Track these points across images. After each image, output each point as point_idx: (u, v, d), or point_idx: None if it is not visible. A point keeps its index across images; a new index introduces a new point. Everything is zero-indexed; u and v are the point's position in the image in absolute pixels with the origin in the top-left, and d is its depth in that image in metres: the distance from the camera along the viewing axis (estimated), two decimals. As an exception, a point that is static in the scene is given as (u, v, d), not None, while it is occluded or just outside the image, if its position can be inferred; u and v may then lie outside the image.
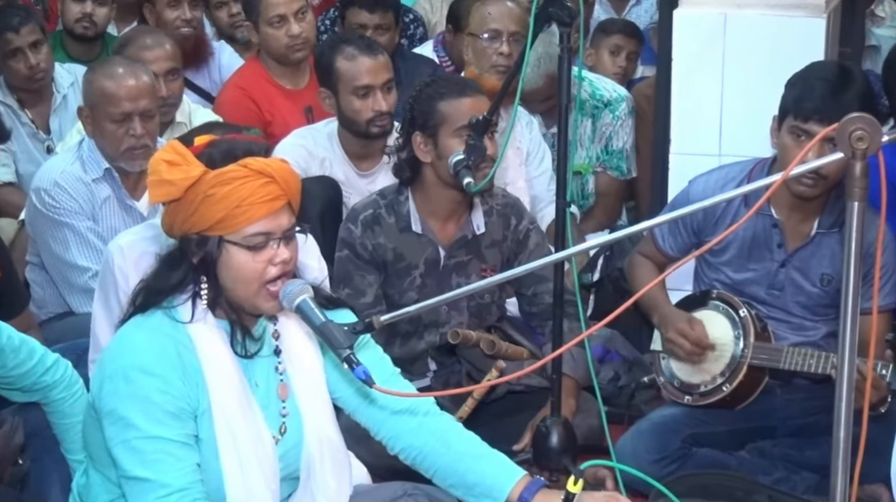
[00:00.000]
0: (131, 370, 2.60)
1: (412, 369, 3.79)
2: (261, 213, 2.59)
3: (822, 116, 3.41)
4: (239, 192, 2.57)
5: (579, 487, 2.56)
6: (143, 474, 2.58)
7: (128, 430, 2.59)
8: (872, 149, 2.35)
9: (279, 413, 2.77)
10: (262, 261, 2.61)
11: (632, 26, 5.94)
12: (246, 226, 2.59)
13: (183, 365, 2.64)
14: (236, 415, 2.66)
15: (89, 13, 5.56)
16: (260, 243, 2.61)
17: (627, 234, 3.22)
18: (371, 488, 3.01)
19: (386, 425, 2.85)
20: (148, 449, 2.58)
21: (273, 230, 2.61)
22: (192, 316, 2.66)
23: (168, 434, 2.59)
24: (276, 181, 2.59)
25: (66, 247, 4.05)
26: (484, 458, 2.79)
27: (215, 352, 2.67)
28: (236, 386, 2.68)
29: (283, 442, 2.75)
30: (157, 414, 2.59)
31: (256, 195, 2.57)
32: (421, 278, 3.82)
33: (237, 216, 2.58)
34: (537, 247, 3.88)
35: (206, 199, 2.57)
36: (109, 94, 3.96)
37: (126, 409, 2.59)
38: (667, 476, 3.53)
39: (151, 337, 2.65)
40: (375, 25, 5.42)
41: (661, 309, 3.80)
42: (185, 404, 2.62)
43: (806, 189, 3.56)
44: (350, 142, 4.40)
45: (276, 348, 2.79)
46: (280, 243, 2.62)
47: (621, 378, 4.17)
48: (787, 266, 3.71)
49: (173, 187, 2.58)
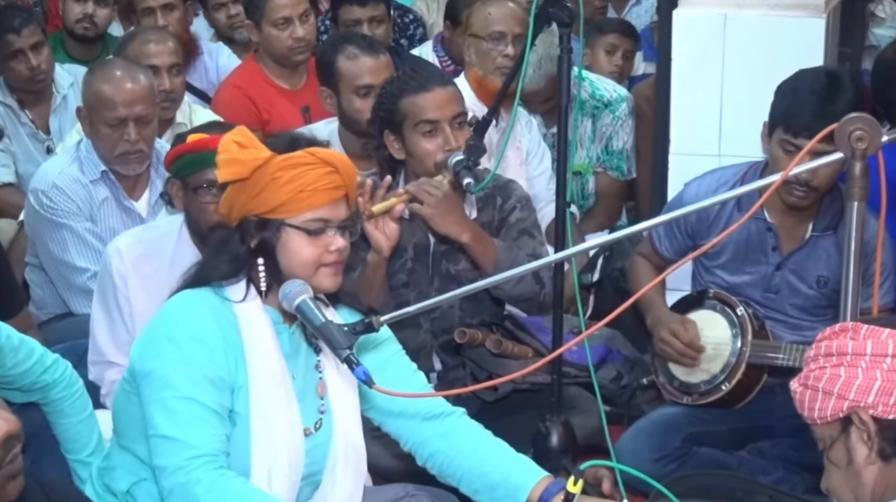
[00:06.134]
0: (179, 334, 2.66)
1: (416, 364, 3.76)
2: (322, 200, 2.67)
3: (812, 133, 3.39)
4: (304, 178, 2.65)
5: (579, 487, 2.56)
6: (172, 433, 2.60)
7: (165, 390, 2.63)
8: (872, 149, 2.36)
9: (317, 409, 2.81)
10: (319, 246, 2.69)
11: (627, 25, 5.94)
12: (307, 212, 2.67)
13: (225, 338, 2.68)
14: (272, 396, 2.70)
15: (90, 14, 5.57)
16: (318, 228, 2.69)
17: (627, 235, 3.23)
18: (373, 490, 3.02)
19: (416, 432, 2.87)
20: (181, 409, 2.61)
21: (332, 218, 2.70)
22: (244, 296, 2.72)
23: (203, 398, 2.62)
24: (338, 172, 2.68)
25: (65, 248, 4.05)
26: (508, 460, 2.82)
27: (260, 332, 2.72)
28: (276, 368, 2.72)
29: (314, 437, 2.78)
30: (197, 377, 2.63)
31: (320, 182, 2.66)
32: (411, 262, 3.80)
33: (300, 200, 2.66)
34: (518, 222, 3.81)
35: (273, 182, 2.65)
36: (105, 98, 3.97)
37: (167, 369, 2.64)
38: (667, 475, 3.53)
39: (197, 308, 2.71)
40: (369, 18, 5.46)
41: (654, 310, 3.81)
42: (225, 374, 2.67)
43: (797, 199, 3.57)
44: (351, 141, 4.40)
45: (317, 347, 2.83)
46: (336, 232, 2.70)
47: (623, 377, 4.17)
48: (782, 269, 3.72)
49: (243, 166, 2.65)
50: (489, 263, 3.64)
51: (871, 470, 2.05)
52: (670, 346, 3.72)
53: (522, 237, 3.78)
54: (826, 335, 2.12)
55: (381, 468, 3.28)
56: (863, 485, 2.06)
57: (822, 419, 2.09)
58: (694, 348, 3.71)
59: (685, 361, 3.72)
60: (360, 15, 5.47)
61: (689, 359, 3.72)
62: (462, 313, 3.85)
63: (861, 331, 2.07)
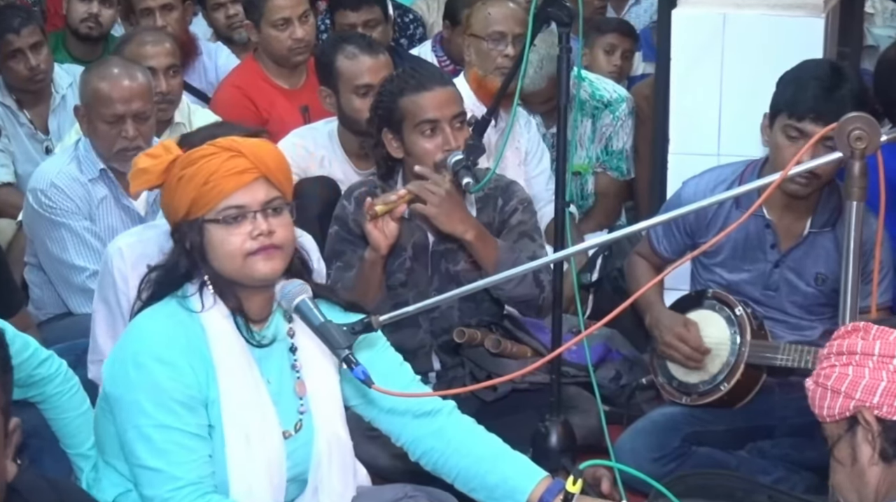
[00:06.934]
0: (142, 357, 2.63)
1: (415, 365, 3.76)
2: (230, 187, 2.61)
3: (817, 115, 3.41)
4: (206, 169, 2.60)
5: (578, 487, 2.56)
6: (154, 464, 2.59)
7: (139, 417, 2.61)
8: (871, 148, 2.36)
9: (296, 410, 2.78)
10: (240, 234, 2.63)
11: (626, 25, 5.94)
12: (218, 202, 2.61)
13: (193, 353, 2.65)
14: (244, 406, 2.67)
15: (95, 13, 5.57)
16: (233, 215, 2.62)
17: (626, 234, 3.23)
18: (372, 490, 3.00)
19: (407, 429, 2.84)
20: (158, 437, 2.60)
21: (247, 203, 2.62)
22: (202, 305, 2.68)
23: (178, 423, 2.60)
24: (243, 155, 2.61)
25: (64, 247, 4.05)
26: (505, 460, 2.79)
27: (227, 342, 2.69)
28: (246, 377, 2.69)
29: (295, 439, 2.75)
30: (166, 402, 2.60)
31: (223, 169, 2.60)
32: (410, 261, 3.80)
33: (207, 193, 2.61)
34: (519, 224, 3.81)
35: (180, 182, 2.63)
36: (102, 95, 3.97)
37: (136, 395, 2.61)
38: (666, 475, 3.53)
39: (163, 325, 2.67)
40: (364, 22, 5.47)
41: (654, 311, 3.80)
42: (195, 393, 2.64)
43: (799, 188, 3.57)
44: (350, 141, 4.40)
45: (292, 346, 2.80)
46: (258, 215, 2.63)
47: (623, 377, 4.17)
48: (781, 266, 3.72)
49: (149, 174, 2.65)
50: (491, 263, 3.64)
51: (875, 471, 2.06)
52: (677, 351, 3.72)
53: (523, 239, 3.78)
54: (840, 334, 2.14)
55: (379, 467, 3.28)
56: (866, 485, 2.07)
57: (830, 417, 2.10)
58: (701, 351, 3.71)
59: (691, 364, 3.72)
60: (354, 20, 5.47)
61: (695, 363, 3.72)
62: (461, 314, 3.85)
63: (871, 332, 2.08)
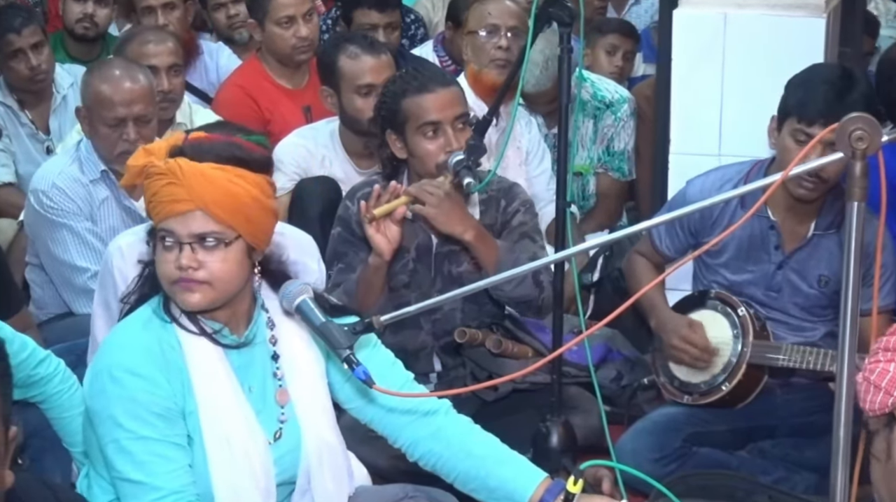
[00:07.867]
0: (116, 370, 2.61)
1: (416, 366, 3.77)
2: (164, 212, 2.59)
3: (827, 121, 3.39)
4: (151, 188, 2.61)
5: (579, 487, 2.56)
6: (135, 477, 2.58)
7: (116, 430, 2.60)
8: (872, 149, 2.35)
9: (277, 418, 2.75)
10: (169, 261, 2.61)
11: (627, 25, 5.93)
12: (158, 222, 2.61)
13: (168, 365, 2.64)
14: (224, 416, 2.66)
15: (90, 14, 5.57)
16: (166, 240, 2.61)
17: (627, 235, 3.22)
18: (372, 490, 2.99)
19: (406, 431, 2.82)
20: (137, 449, 2.59)
21: (177, 232, 2.59)
22: (170, 316, 2.67)
23: (156, 434, 2.59)
24: (180, 184, 2.57)
25: (65, 248, 4.05)
26: (505, 461, 2.78)
27: (202, 352, 2.67)
28: (224, 386, 2.67)
29: (277, 447, 2.73)
30: (143, 414, 2.59)
31: (161, 193, 2.59)
32: (413, 263, 3.80)
33: (152, 210, 2.62)
34: (520, 225, 3.81)
35: (145, 190, 2.64)
36: (104, 97, 3.96)
37: (113, 409, 2.60)
38: (667, 475, 3.53)
39: (138, 337, 2.65)
40: (386, 24, 5.41)
41: (658, 312, 3.80)
42: (171, 404, 2.62)
43: (806, 192, 3.57)
44: (351, 140, 4.41)
45: (274, 353, 2.77)
46: (185, 248, 2.59)
47: (623, 377, 4.17)
48: (784, 267, 3.71)
49: (129, 173, 2.66)
50: (491, 263, 3.64)
51: None
52: (686, 354, 3.71)
53: (523, 240, 3.78)
54: (893, 330, 2.14)
55: (379, 468, 3.28)
56: None
57: (872, 412, 2.10)
58: (709, 352, 3.70)
59: (700, 365, 3.72)
60: (377, 20, 5.39)
61: (703, 364, 3.72)
62: (464, 316, 3.85)
63: None
